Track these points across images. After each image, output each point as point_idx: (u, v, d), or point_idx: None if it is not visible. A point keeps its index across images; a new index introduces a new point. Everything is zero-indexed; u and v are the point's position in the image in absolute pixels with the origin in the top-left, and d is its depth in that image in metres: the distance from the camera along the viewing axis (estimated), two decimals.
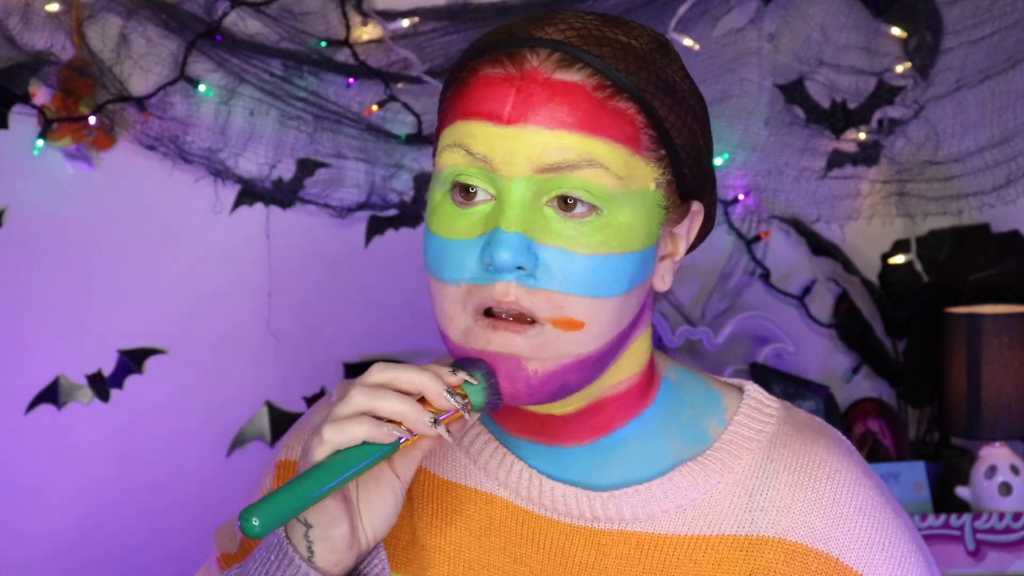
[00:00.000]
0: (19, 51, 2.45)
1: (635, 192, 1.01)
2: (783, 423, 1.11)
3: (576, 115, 0.99)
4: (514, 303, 0.99)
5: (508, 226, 0.99)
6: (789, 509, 1.07)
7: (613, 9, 2.54)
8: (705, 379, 1.13)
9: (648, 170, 1.02)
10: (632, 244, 1.01)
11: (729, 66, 2.60)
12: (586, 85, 1.00)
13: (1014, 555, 2.40)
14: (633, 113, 1.01)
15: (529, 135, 0.99)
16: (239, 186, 2.57)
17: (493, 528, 1.09)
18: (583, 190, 0.99)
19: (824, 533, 1.06)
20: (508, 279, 0.99)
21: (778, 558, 1.06)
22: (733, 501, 1.07)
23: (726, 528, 1.07)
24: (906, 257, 2.71)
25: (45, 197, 2.54)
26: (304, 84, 2.53)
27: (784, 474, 1.08)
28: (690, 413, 1.10)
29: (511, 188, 0.99)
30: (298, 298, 2.61)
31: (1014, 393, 2.51)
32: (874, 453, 2.59)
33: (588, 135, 0.99)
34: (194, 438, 2.60)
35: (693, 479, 1.07)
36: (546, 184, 0.99)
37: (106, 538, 2.57)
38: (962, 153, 2.65)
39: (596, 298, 1.00)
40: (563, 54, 1.00)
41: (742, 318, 2.60)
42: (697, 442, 1.09)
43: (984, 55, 2.62)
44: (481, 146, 1.00)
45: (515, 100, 0.99)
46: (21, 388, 2.56)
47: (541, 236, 0.99)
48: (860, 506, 1.07)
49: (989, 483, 2.47)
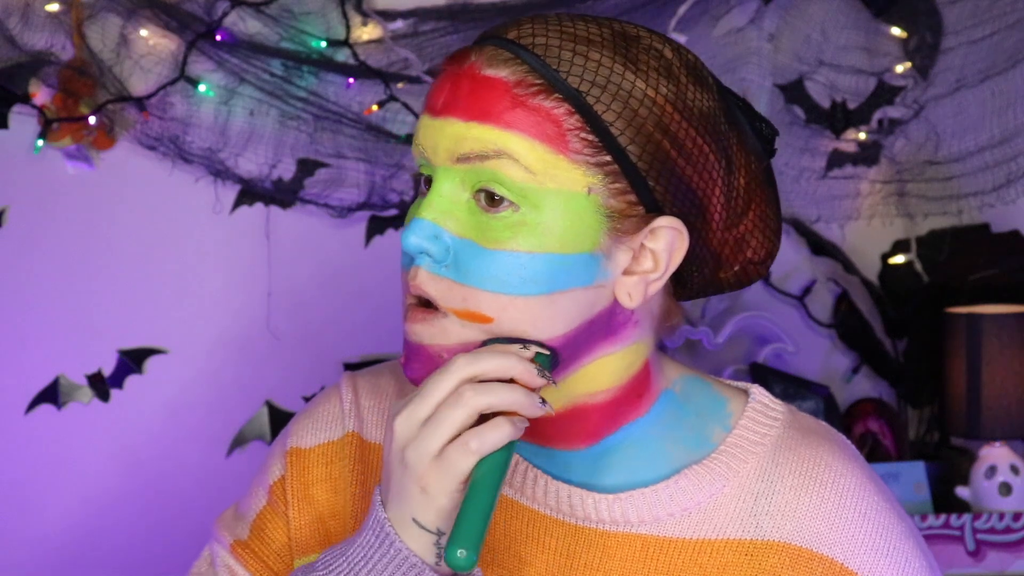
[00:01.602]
0: (19, 51, 2.45)
1: (557, 192, 0.99)
2: (788, 427, 1.11)
3: (491, 109, 1.00)
4: (419, 288, 1.01)
5: (422, 213, 1.01)
6: (794, 513, 1.07)
7: (613, 9, 2.54)
8: (711, 384, 1.13)
9: (577, 173, 1.00)
10: (552, 245, 0.99)
11: (729, 66, 2.60)
12: (508, 82, 1.00)
13: (1014, 555, 2.40)
14: (561, 114, 1.00)
15: (450, 126, 1.01)
16: (239, 186, 2.57)
17: (497, 527, 1.09)
18: (494, 182, 0.99)
19: (829, 538, 1.06)
20: (419, 264, 1.00)
21: (783, 562, 1.06)
22: (738, 505, 1.07)
23: (731, 532, 1.07)
24: (906, 257, 2.71)
25: (45, 197, 2.54)
26: (304, 84, 2.53)
27: (789, 478, 1.08)
28: (694, 421, 1.10)
29: (438, 177, 1.02)
30: (298, 298, 2.61)
31: (1014, 393, 2.51)
32: (874, 453, 2.59)
33: (499, 128, 0.99)
34: (194, 438, 2.60)
35: (698, 482, 1.08)
36: (467, 176, 1.00)
37: (106, 538, 2.57)
38: (962, 153, 2.65)
39: (501, 294, 0.99)
40: (499, 51, 1.01)
41: (742, 318, 2.60)
42: (701, 447, 1.09)
43: (984, 55, 2.62)
44: (420, 137, 1.03)
45: (446, 93, 1.02)
46: (21, 388, 2.56)
47: (455, 227, 1.00)
48: (864, 511, 1.08)
49: (989, 483, 2.47)
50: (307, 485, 1.15)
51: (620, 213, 1.01)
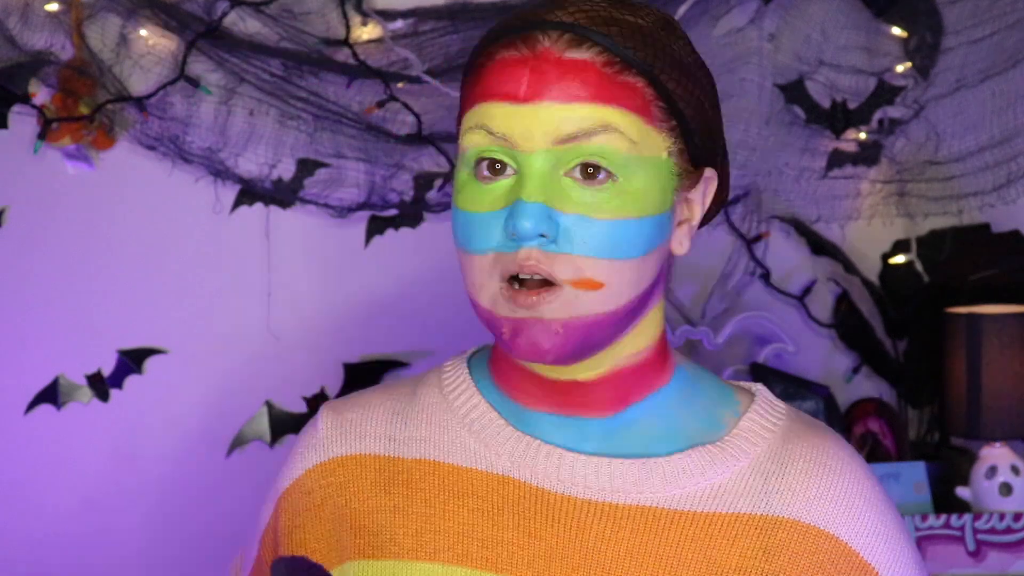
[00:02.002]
0: (19, 51, 2.45)
1: (648, 159, 1.07)
2: (793, 420, 1.16)
3: (588, 88, 1.05)
4: (535, 267, 1.05)
5: (529, 196, 1.04)
6: (804, 493, 1.12)
7: None
8: (717, 376, 1.19)
9: (660, 139, 1.08)
10: (647, 209, 1.07)
11: (729, 66, 2.60)
12: (595, 62, 1.06)
13: (1015, 555, 2.40)
14: (642, 87, 1.07)
15: (545, 110, 1.05)
16: (239, 186, 2.57)
17: (507, 506, 1.12)
18: (599, 156, 1.05)
19: (836, 519, 1.11)
20: (531, 245, 1.05)
21: (792, 537, 1.10)
22: (749, 483, 1.11)
23: (742, 507, 1.11)
24: (906, 257, 2.71)
25: (45, 197, 2.54)
26: (304, 84, 2.53)
27: (799, 462, 1.13)
28: (706, 402, 1.15)
29: (530, 162, 1.05)
30: (298, 298, 2.61)
31: (1014, 393, 2.50)
32: (874, 453, 2.59)
33: (601, 104, 1.05)
34: (194, 438, 2.60)
35: (712, 460, 1.12)
36: (564, 155, 1.05)
37: (106, 538, 2.57)
38: (962, 153, 2.65)
39: (614, 260, 1.05)
40: (573, 35, 1.06)
41: (742, 318, 2.60)
42: (713, 429, 1.14)
43: (984, 55, 2.62)
44: (500, 125, 1.06)
45: (529, 79, 1.06)
46: (21, 388, 2.55)
47: (561, 205, 1.05)
48: (869, 497, 1.13)
49: (989, 483, 2.47)
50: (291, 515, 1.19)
51: (684, 172, 1.10)
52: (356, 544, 1.14)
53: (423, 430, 1.16)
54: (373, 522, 1.14)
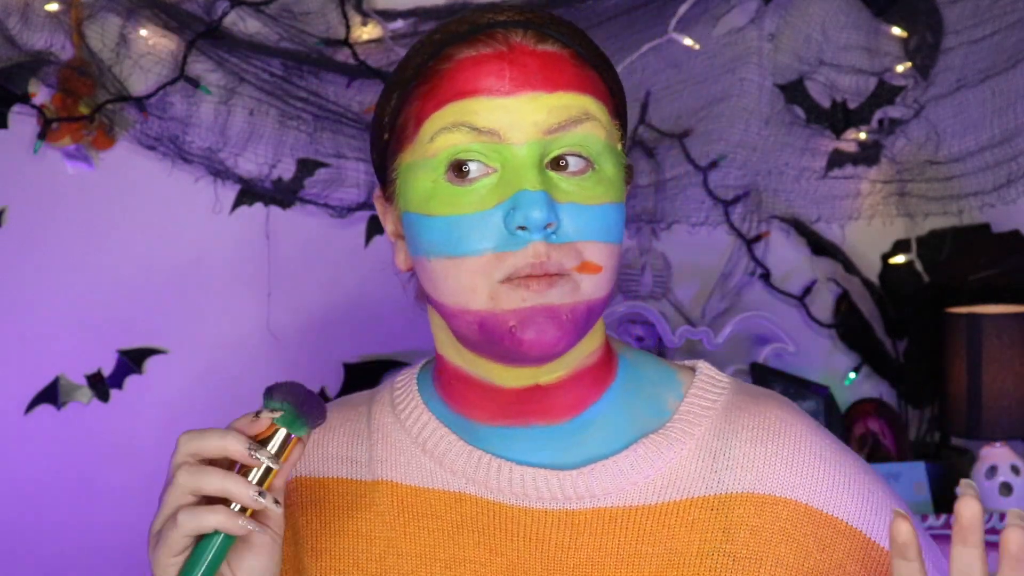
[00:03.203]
0: (19, 51, 2.45)
1: (615, 149, 1.09)
2: (736, 393, 1.15)
3: (568, 77, 1.06)
4: (547, 262, 1.03)
5: (533, 186, 1.03)
6: (753, 464, 1.11)
7: (613, 9, 2.54)
8: (658, 359, 1.18)
9: (617, 132, 1.10)
10: (620, 196, 1.08)
11: (729, 66, 2.60)
12: (565, 54, 1.07)
13: None
14: (600, 81, 1.09)
15: (532, 101, 1.04)
16: (239, 186, 2.57)
17: (465, 524, 1.11)
18: (581, 145, 1.05)
19: (790, 481, 1.10)
20: (537, 239, 1.03)
21: (749, 511, 1.09)
22: (698, 465, 1.10)
23: (695, 491, 1.10)
24: (906, 257, 2.71)
25: (45, 197, 2.54)
26: (304, 84, 2.53)
27: (743, 432, 1.12)
28: (650, 389, 1.14)
29: (521, 154, 1.04)
30: (298, 298, 2.61)
31: (1014, 393, 2.50)
32: (874, 453, 2.59)
33: (581, 93, 1.06)
34: None
35: (657, 449, 1.10)
36: (549, 146, 1.05)
37: (106, 538, 2.57)
38: (962, 153, 2.65)
39: (608, 243, 1.06)
40: (536, 31, 1.07)
41: (742, 318, 2.60)
42: (658, 415, 1.13)
43: (984, 55, 2.62)
44: (485, 120, 1.04)
45: (511, 72, 1.05)
46: (21, 388, 2.56)
47: (554, 194, 1.04)
48: (819, 452, 1.12)
49: (990, 483, 2.47)
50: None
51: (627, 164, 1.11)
52: (318, 567, 1.13)
53: (380, 450, 1.15)
54: (336, 545, 1.13)
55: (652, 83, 2.60)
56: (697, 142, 2.62)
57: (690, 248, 2.67)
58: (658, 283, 2.65)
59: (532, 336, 1.03)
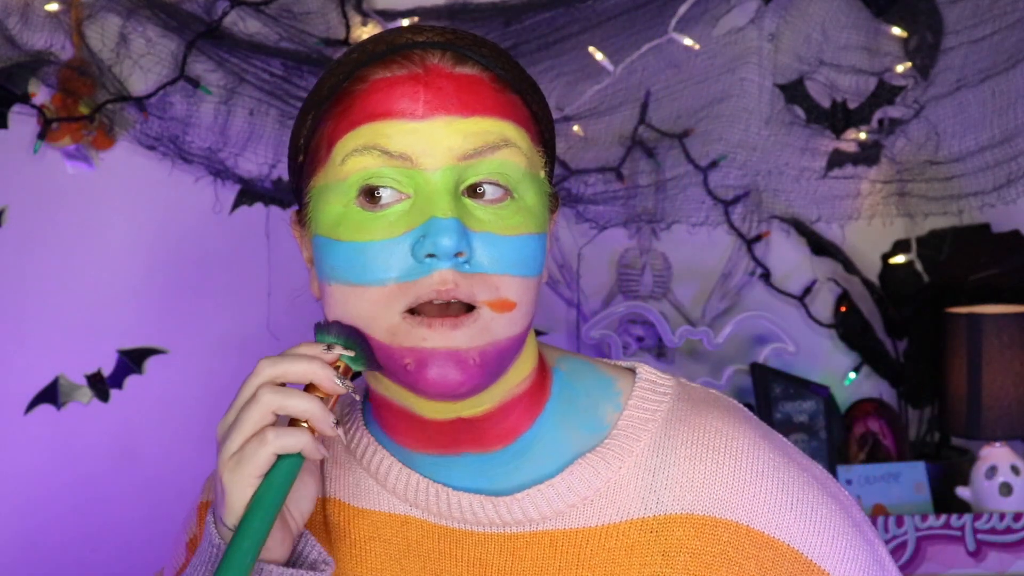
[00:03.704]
0: (19, 51, 2.45)
1: (536, 176, 1.04)
2: (677, 399, 1.11)
3: (486, 102, 1.02)
4: (454, 290, 0.98)
5: (444, 213, 0.98)
6: (691, 483, 1.06)
7: (613, 9, 2.54)
8: (596, 366, 1.13)
9: (539, 158, 1.05)
10: (540, 226, 1.04)
11: (729, 66, 2.60)
12: (484, 77, 1.03)
13: (1015, 555, 2.40)
14: (522, 105, 1.05)
15: (447, 125, 1.00)
16: (239, 186, 2.57)
17: (411, 549, 1.09)
18: (499, 173, 1.01)
19: (729, 502, 1.06)
20: (445, 267, 0.98)
21: (688, 534, 1.06)
22: (637, 484, 1.07)
23: (633, 512, 1.06)
24: (906, 257, 2.71)
25: (45, 197, 2.54)
26: (304, 84, 2.53)
27: (682, 448, 1.07)
28: (586, 402, 1.10)
29: (434, 180, 1.00)
30: (298, 298, 2.61)
31: (1014, 393, 2.50)
32: (874, 453, 2.59)
33: (499, 118, 1.02)
34: (194, 438, 2.59)
35: (594, 469, 1.07)
36: (464, 173, 1.00)
37: (106, 538, 2.57)
38: (962, 153, 2.65)
39: (524, 277, 1.01)
40: (454, 52, 1.03)
41: (742, 318, 2.60)
42: (595, 431, 1.09)
43: (984, 55, 2.62)
44: (397, 144, 1.00)
45: (425, 95, 1.01)
46: (21, 388, 2.56)
47: (468, 223, 1.00)
48: (761, 470, 1.07)
49: (989, 483, 2.47)
50: None
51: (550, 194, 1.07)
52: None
53: (328, 467, 1.14)
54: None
55: (652, 83, 2.60)
56: (697, 142, 2.62)
57: (690, 248, 2.67)
58: (658, 283, 2.65)
59: (434, 376, 0.99)
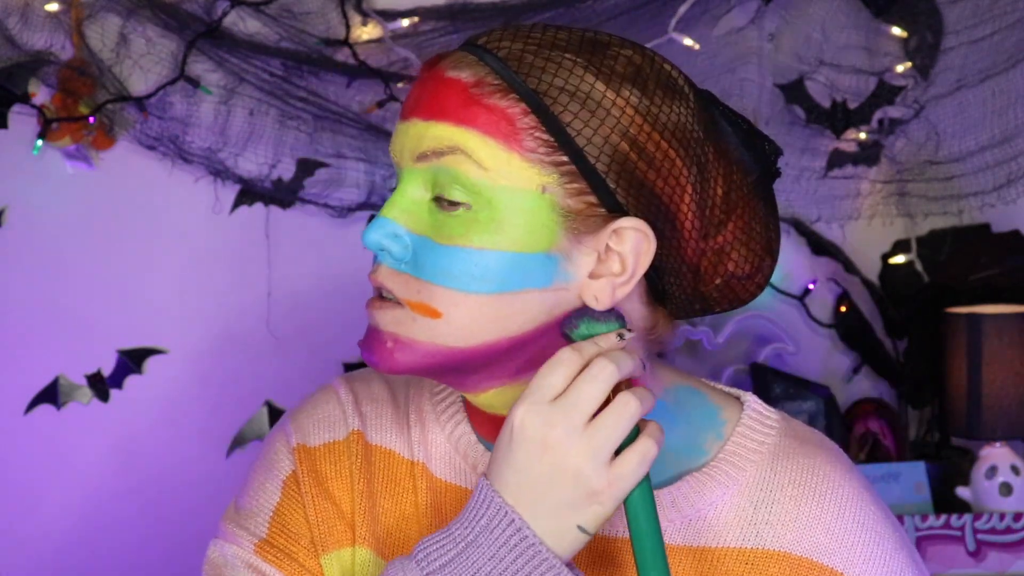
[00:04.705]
0: (19, 51, 2.45)
1: (508, 188, 1.00)
2: (784, 435, 1.11)
3: (447, 107, 1.02)
4: (379, 281, 1.06)
5: (384, 212, 1.04)
6: (794, 523, 1.07)
7: (613, 9, 2.53)
8: (705, 394, 1.13)
9: (531, 171, 1.01)
10: (505, 243, 1.00)
11: (729, 66, 2.60)
12: (466, 82, 1.02)
13: (1015, 555, 2.40)
14: (516, 113, 1.01)
15: (413, 127, 1.04)
16: (239, 186, 2.57)
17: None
18: (451, 180, 1.01)
19: (829, 547, 1.07)
20: (381, 261, 1.06)
21: (783, 571, 1.06)
22: (738, 513, 1.07)
23: (731, 540, 1.07)
24: (906, 257, 2.71)
25: (45, 197, 2.53)
26: (304, 84, 2.53)
27: (789, 488, 1.08)
28: (684, 429, 1.10)
29: (403, 178, 1.05)
30: (298, 298, 2.61)
31: (1014, 393, 2.50)
32: (874, 453, 2.59)
33: (453, 124, 1.01)
34: (194, 438, 2.60)
35: (699, 489, 1.08)
36: (427, 176, 1.03)
37: (105, 538, 2.57)
38: (963, 153, 2.65)
39: (453, 290, 1.01)
40: (464, 55, 1.03)
41: (742, 318, 2.60)
42: (695, 456, 1.09)
43: (984, 55, 2.62)
44: (392, 142, 1.07)
45: (412, 99, 1.05)
46: (21, 388, 2.55)
47: (414, 225, 1.03)
48: (862, 521, 1.08)
49: (990, 483, 2.47)
50: (319, 482, 1.12)
51: (578, 213, 1.01)
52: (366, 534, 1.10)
53: (416, 433, 1.13)
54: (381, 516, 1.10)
55: None
56: None
57: None
58: None
59: (364, 349, 1.06)
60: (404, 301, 1.03)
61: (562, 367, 0.97)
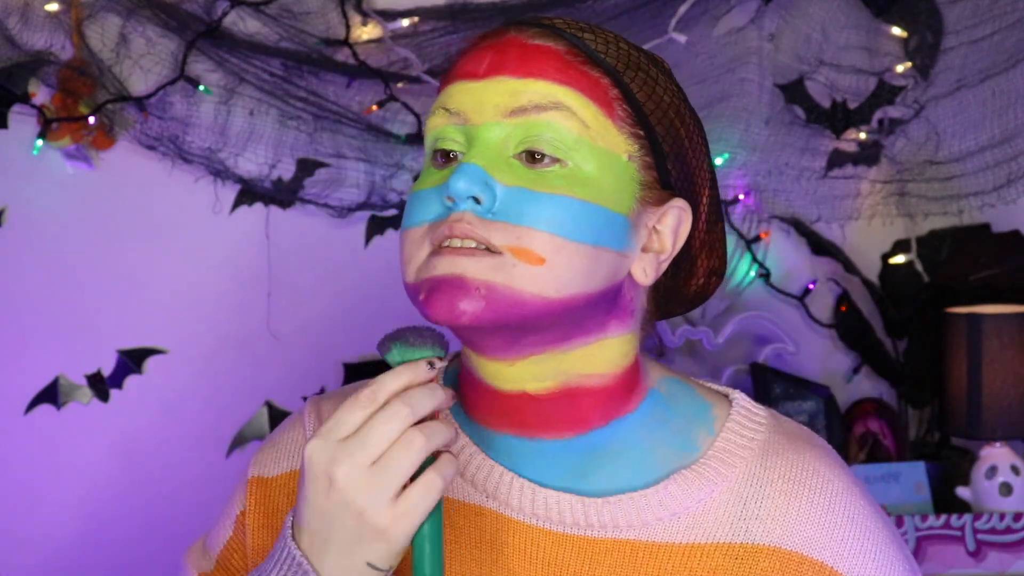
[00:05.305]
0: (19, 51, 2.45)
1: (604, 150, 1.04)
2: (773, 431, 1.12)
3: (546, 67, 1.04)
4: (468, 230, 1.00)
5: (469, 159, 1.02)
6: (784, 518, 1.07)
7: (613, 9, 2.53)
8: (694, 388, 1.14)
9: (620, 138, 1.04)
10: (599, 198, 1.03)
11: (729, 66, 2.60)
12: (559, 50, 1.05)
13: (1015, 555, 2.40)
14: (607, 84, 1.05)
15: (500, 83, 1.03)
16: (239, 186, 2.57)
17: (484, 541, 1.09)
18: (550, 134, 1.02)
19: (818, 542, 1.07)
20: (462, 209, 1.01)
21: (773, 566, 1.06)
22: (727, 510, 1.08)
23: (720, 536, 1.07)
24: (906, 257, 2.71)
25: (45, 197, 2.54)
26: (304, 84, 2.53)
27: (779, 483, 1.09)
28: (679, 423, 1.10)
29: (480, 133, 1.03)
30: (298, 298, 2.61)
31: (1014, 393, 2.50)
32: (874, 453, 2.59)
33: (556, 83, 1.03)
34: (194, 438, 2.60)
35: (688, 487, 1.08)
36: (515, 131, 1.03)
37: (105, 538, 2.57)
38: (962, 153, 2.65)
39: (558, 236, 1.01)
40: (541, 28, 1.06)
41: (742, 318, 2.60)
42: (687, 451, 1.10)
43: (984, 55, 2.62)
44: (456, 102, 1.04)
45: (490, 59, 1.05)
46: (21, 388, 2.56)
47: (503, 177, 1.02)
48: (852, 515, 1.09)
49: (989, 483, 2.47)
50: (269, 515, 1.14)
51: (647, 185, 1.06)
52: None
53: None
54: None
55: None
56: None
57: None
58: None
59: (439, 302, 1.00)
60: (504, 248, 1.00)
61: (359, 408, 0.98)
